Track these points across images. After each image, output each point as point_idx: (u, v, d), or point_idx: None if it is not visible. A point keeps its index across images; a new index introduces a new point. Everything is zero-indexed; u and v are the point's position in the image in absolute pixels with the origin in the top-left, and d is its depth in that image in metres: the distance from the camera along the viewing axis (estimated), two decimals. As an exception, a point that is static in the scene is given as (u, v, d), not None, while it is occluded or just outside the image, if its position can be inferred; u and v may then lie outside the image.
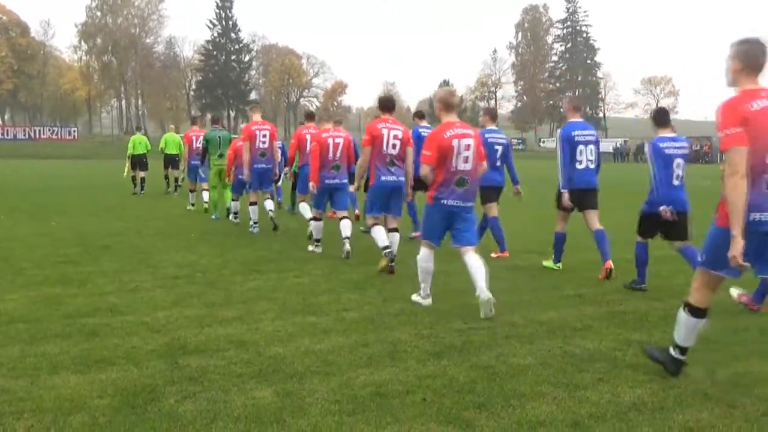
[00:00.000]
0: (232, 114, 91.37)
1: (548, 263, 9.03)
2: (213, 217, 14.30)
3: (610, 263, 8.13)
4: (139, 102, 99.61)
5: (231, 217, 13.70)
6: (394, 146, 8.43)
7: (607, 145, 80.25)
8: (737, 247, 4.12)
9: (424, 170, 6.63)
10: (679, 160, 7.36)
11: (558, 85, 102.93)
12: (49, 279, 7.85)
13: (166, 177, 21.02)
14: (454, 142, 6.53)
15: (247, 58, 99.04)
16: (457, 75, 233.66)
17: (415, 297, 6.98)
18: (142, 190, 20.48)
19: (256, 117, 12.29)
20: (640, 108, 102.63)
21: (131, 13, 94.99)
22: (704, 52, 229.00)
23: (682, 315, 4.65)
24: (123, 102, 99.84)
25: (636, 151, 73.49)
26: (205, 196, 15.29)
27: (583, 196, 8.38)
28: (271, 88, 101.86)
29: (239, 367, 4.87)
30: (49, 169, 37.78)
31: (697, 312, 4.60)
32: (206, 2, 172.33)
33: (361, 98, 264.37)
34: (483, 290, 6.33)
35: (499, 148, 9.78)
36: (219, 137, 14.01)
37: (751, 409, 4.21)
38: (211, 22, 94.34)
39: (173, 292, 7.25)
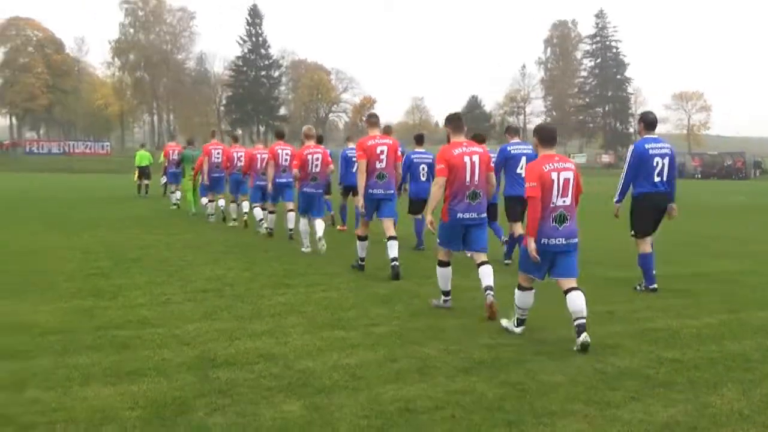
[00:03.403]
0: (262, 129, 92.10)
1: None
2: (191, 213, 18.18)
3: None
4: (171, 117, 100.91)
5: (191, 213, 17.95)
6: (286, 160, 12.86)
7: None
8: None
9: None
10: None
11: (587, 100, 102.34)
12: (82, 291, 7.95)
13: (164, 185, 24.14)
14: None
15: (276, 74, 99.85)
16: (485, 90, 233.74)
17: (303, 249, 11.32)
18: (146, 193, 25.21)
19: (214, 139, 17.83)
20: (672, 123, 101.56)
21: (163, 30, 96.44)
22: (736, 67, 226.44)
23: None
24: (155, 117, 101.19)
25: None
26: (172, 197, 20.52)
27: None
28: (300, 103, 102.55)
29: (268, 381, 4.88)
30: (82, 182, 38.34)
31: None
32: (237, 19, 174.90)
33: (389, 113, 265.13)
34: (320, 236, 11.02)
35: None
36: (193, 154, 18.64)
37: (788, 430, 4.12)
38: (241, 38, 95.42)
39: (203, 305, 7.30)
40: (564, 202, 6.03)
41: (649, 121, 8.56)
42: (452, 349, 5.75)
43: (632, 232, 8.52)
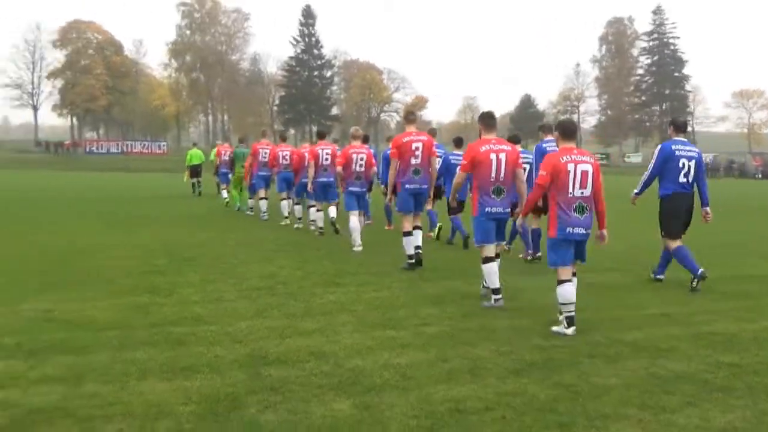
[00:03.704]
0: (314, 129, 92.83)
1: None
2: (236, 208, 19.37)
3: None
4: (225, 117, 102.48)
5: (247, 211, 18.57)
6: (326, 159, 13.25)
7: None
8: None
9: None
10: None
11: (644, 98, 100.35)
12: (138, 288, 8.12)
13: (218, 183, 24.46)
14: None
15: (329, 74, 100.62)
16: (538, 89, 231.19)
17: (355, 248, 11.34)
18: (199, 191, 25.66)
19: (264, 139, 17.78)
20: (732, 122, 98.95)
21: (218, 32, 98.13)
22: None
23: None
24: (210, 117, 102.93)
25: (726, 166, 70.79)
26: (224, 194, 21.12)
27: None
28: (352, 103, 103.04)
29: (319, 379, 4.91)
30: (139, 181, 39.22)
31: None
32: (290, 20, 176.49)
33: (441, 113, 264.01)
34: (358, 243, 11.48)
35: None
36: (243, 153, 19.05)
37: None
38: (294, 38, 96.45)
39: (255, 303, 7.38)
40: (582, 193, 6.35)
41: (678, 125, 8.94)
42: (503, 350, 5.71)
43: (662, 233, 8.74)
